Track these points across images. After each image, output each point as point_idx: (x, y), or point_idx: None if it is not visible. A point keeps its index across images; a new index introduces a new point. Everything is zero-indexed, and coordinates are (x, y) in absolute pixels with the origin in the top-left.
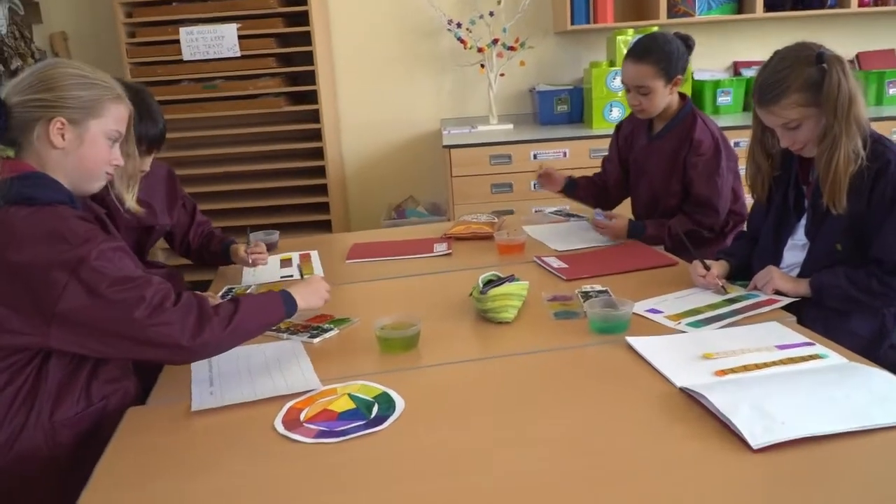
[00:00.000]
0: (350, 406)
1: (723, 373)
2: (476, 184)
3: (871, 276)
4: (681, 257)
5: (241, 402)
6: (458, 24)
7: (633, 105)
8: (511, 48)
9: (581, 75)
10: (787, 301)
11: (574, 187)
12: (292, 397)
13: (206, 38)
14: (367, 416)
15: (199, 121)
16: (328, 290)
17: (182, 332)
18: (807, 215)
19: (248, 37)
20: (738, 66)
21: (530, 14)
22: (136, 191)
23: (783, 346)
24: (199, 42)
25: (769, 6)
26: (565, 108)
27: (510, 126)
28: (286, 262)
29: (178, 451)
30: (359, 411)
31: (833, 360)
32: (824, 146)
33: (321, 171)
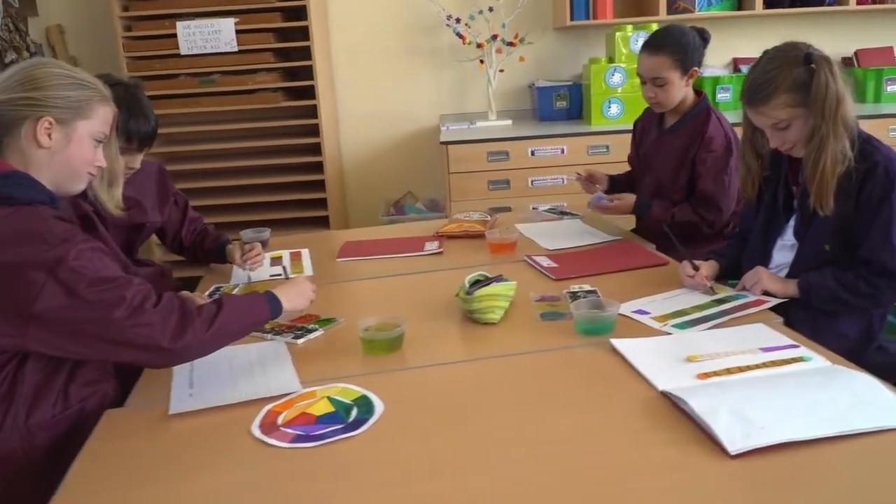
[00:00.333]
0: (329, 409)
1: (705, 376)
2: (473, 180)
3: (858, 277)
4: (673, 255)
5: (219, 405)
6: (458, 20)
7: (648, 97)
8: (510, 44)
9: (580, 71)
10: (775, 302)
11: (617, 185)
12: (271, 400)
13: (204, 33)
14: (346, 419)
15: (196, 116)
16: (314, 290)
17: (163, 334)
18: (796, 216)
19: (245, 31)
20: (737, 63)
21: (529, 10)
22: (118, 191)
23: (767, 349)
24: (196, 36)
25: (768, 3)
26: (564, 105)
27: (509, 122)
28: (276, 261)
29: (152, 456)
30: (337, 415)
31: (817, 362)
32: (812, 147)
33: (319, 167)
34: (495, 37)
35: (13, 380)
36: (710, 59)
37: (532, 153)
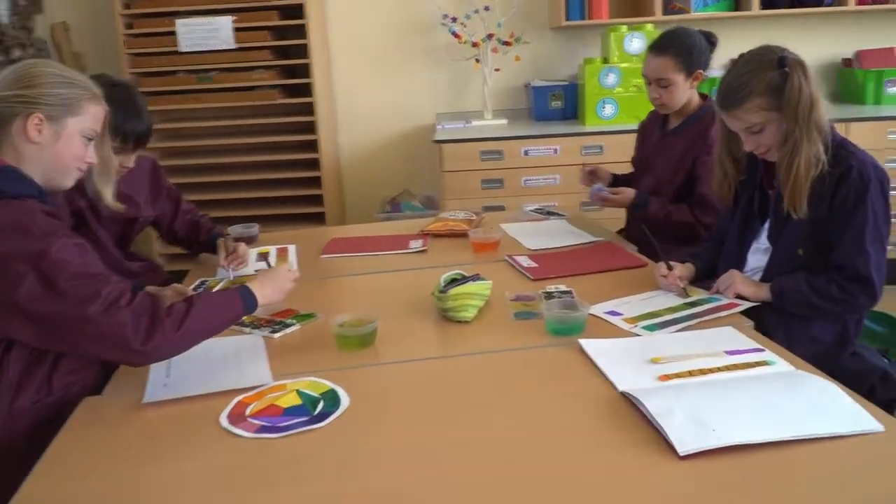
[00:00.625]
0: (296, 402)
1: (667, 377)
2: (467, 179)
3: (831, 282)
4: (656, 258)
5: (192, 395)
6: (454, 19)
7: (653, 98)
8: (506, 43)
9: (577, 71)
10: (746, 305)
11: (618, 185)
12: (243, 391)
13: (202, 30)
14: (311, 412)
15: (194, 112)
16: (294, 279)
17: (135, 335)
18: (770, 219)
19: (243, 29)
20: None
21: (525, 9)
22: (113, 187)
23: (732, 352)
24: (194, 34)
25: (766, 4)
26: (559, 104)
27: (504, 121)
28: (263, 256)
29: (124, 442)
30: (304, 407)
31: (780, 367)
32: (785, 150)
33: (315, 164)
34: (491, 36)
35: None
36: None
37: (525, 153)
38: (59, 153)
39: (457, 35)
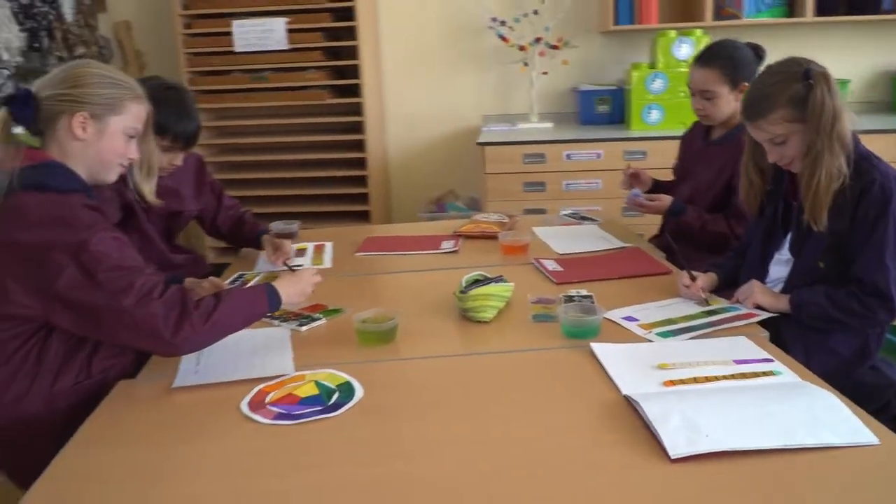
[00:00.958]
0: (313, 392)
1: (671, 383)
2: (508, 181)
3: (850, 296)
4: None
5: (217, 382)
6: (502, 22)
7: (696, 110)
8: (554, 47)
9: (624, 76)
10: (764, 316)
11: (659, 190)
12: (265, 380)
13: (257, 31)
14: (326, 402)
15: (247, 110)
16: (315, 283)
17: (165, 326)
18: (792, 231)
19: (296, 30)
20: None
21: (574, 13)
22: (154, 182)
23: (741, 361)
24: (249, 34)
25: (821, 10)
26: (606, 109)
27: (550, 125)
28: (300, 252)
29: (152, 423)
30: (320, 397)
31: (786, 377)
32: (807, 162)
33: (362, 163)
34: (538, 39)
35: (42, 348)
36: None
37: (568, 157)
38: (103, 150)
39: (504, 38)
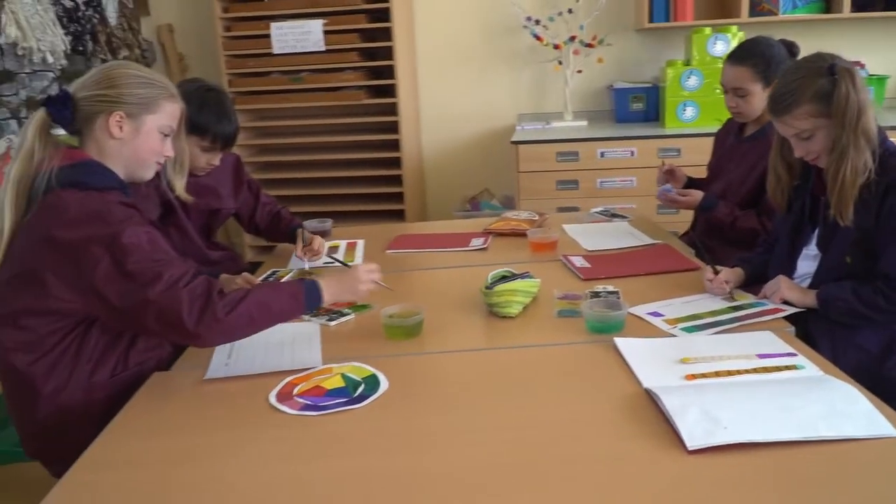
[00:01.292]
0: (340, 384)
1: (693, 377)
2: (542, 180)
3: (877, 292)
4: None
5: (248, 374)
6: (537, 21)
7: (729, 107)
8: (588, 45)
9: (660, 73)
10: (791, 311)
11: (693, 187)
12: (294, 373)
13: (295, 33)
14: (352, 394)
15: (285, 111)
16: (371, 280)
17: (189, 315)
18: (820, 226)
19: (333, 32)
20: None
21: (609, 11)
22: (185, 178)
23: (764, 356)
24: (287, 36)
25: (858, 6)
26: (641, 107)
27: (584, 123)
28: (333, 249)
29: (183, 412)
30: (346, 390)
31: (809, 371)
32: (833, 157)
33: (397, 163)
34: (573, 38)
35: (81, 341)
36: None
37: (602, 154)
38: (138, 148)
39: (538, 37)
